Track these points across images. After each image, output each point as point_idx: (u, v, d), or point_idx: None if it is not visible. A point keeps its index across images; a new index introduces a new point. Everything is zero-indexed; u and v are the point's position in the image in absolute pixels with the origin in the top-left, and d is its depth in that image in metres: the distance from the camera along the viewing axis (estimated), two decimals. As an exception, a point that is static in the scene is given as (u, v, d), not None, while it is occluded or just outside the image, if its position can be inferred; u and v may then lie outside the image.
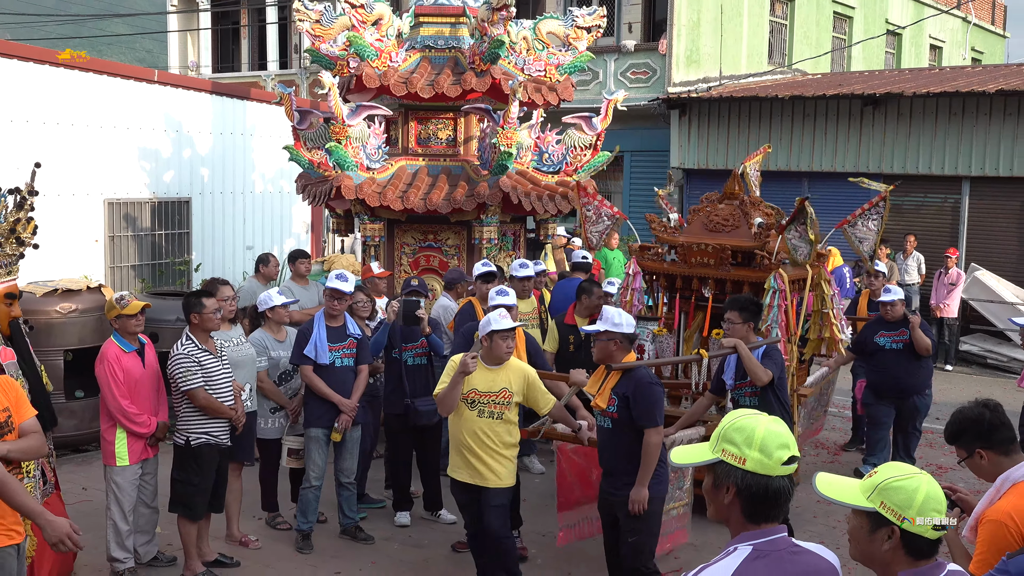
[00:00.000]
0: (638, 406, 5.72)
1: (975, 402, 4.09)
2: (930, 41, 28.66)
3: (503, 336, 6.11)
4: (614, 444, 5.89)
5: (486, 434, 6.11)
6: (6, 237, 6.32)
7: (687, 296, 8.14)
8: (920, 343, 8.77)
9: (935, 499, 2.66)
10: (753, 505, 2.67)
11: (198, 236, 14.91)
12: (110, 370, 6.51)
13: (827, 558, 2.75)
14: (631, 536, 5.83)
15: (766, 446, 2.66)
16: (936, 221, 16.70)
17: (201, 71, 27.46)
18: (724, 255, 7.72)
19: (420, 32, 10.22)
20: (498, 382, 6.14)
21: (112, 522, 6.66)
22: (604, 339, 5.93)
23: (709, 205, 8.20)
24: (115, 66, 14.19)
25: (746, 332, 6.70)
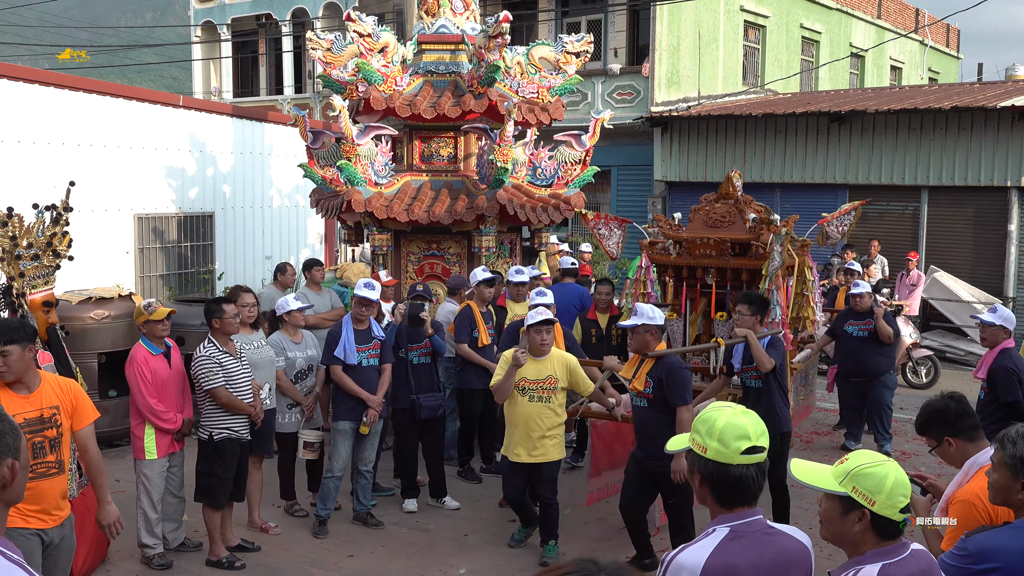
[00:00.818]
0: (671, 387, 6.13)
1: (942, 395, 4.09)
2: (891, 63, 28.69)
3: (536, 329, 6.54)
4: (650, 421, 6.24)
5: (537, 417, 6.57)
6: (44, 250, 6.32)
7: (692, 284, 8.68)
8: (883, 331, 9.22)
9: (902, 485, 2.67)
10: (719, 490, 2.69)
11: (221, 247, 14.90)
12: (139, 371, 6.49)
13: (800, 539, 2.74)
14: (671, 498, 6.28)
15: (724, 436, 2.67)
16: (898, 227, 16.73)
17: (223, 96, 27.46)
18: (724, 247, 8.33)
19: (423, 58, 10.21)
20: (544, 370, 6.60)
21: (142, 511, 6.64)
22: (642, 331, 6.31)
23: (708, 204, 8.68)
24: (144, 92, 14.20)
25: (753, 324, 7.00)
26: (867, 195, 16.83)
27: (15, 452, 2.32)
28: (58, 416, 4.69)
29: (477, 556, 6.94)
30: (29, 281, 6.21)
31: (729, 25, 21.45)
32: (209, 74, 28.79)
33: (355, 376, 7.29)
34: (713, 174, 18.38)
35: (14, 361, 4.55)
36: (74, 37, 54.59)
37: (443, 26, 10.16)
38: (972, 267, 15.81)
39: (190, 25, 28.88)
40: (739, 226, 8.39)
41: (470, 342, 8.39)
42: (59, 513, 4.68)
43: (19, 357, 4.56)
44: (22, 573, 2.21)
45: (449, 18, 10.17)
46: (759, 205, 8.70)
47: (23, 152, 11.73)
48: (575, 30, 19.12)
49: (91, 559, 6.34)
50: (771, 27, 22.77)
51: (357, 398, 7.28)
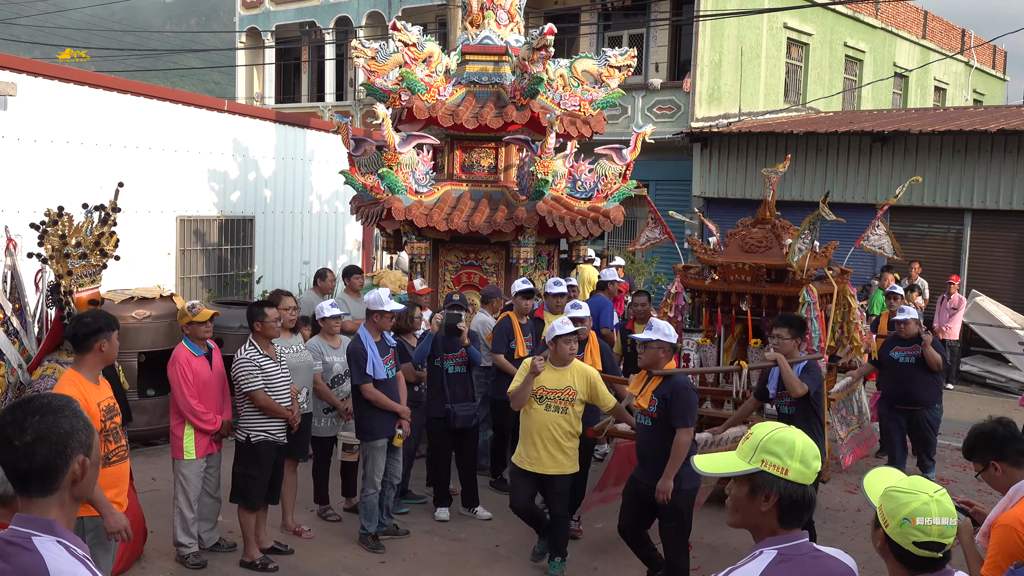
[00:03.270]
0: (674, 407, 5.94)
1: (990, 419, 4.06)
2: (935, 83, 28.40)
3: (566, 340, 6.45)
4: (652, 440, 6.07)
5: (552, 426, 6.41)
6: (91, 249, 6.42)
7: (727, 310, 8.49)
8: (931, 359, 8.78)
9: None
10: (790, 512, 2.64)
11: (260, 251, 15.06)
12: (181, 372, 6.56)
13: (845, 562, 2.70)
14: (667, 522, 6.07)
15: (805, 457, 2.64)
16: (940, 250, 16.52)
17: (265, 101, 27.75)
18: (760, 273, 8.13)
19: (466, 69, 10.26)
20: (564, 381, 6.46)
21: (179, 510, 6.70)
22: (654, 347, 6.16)
23: (744, 229, 8.53)
24: (190, 96, 14.40)
25: (793, 347, 6.84)
26: (909, 217, 16.71)
27: (87, 449, 2.37)
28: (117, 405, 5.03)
29: (508, 567, 6.94)
30: (76, 279, 6.31)
31: (772, 42, 21.36)
32: (252, 80, 29.11)
33: (383, 389, 7.17)
34: (752, 191, 18.29)
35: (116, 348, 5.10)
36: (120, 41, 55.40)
37: (487, 37, 10.22)
38: (1015, 292, 15.57)
39: (234, 31, 29.23)
40: (776, 251, 8.21)
41: (507, 353, 8.38)
42: (124, 500, 4.88)
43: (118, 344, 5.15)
44: (85, 571, 2.24)
45: (493, 30, 10.23)
46: (797, 230, 8.46)
47: (72, 152, 11.94)
48: (617, 44, 19.14)
49: (128, 555, 6.41)
50: (814, 45, 22.64)
51: (390, 412, 7.19)
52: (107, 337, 5.08)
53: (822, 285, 8.39)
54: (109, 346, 5.10)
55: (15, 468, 2.30)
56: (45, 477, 2.30)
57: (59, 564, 2.22)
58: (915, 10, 26.81)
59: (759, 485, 2.65)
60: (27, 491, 2.32)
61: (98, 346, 5.04)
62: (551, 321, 8.85)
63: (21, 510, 2.33)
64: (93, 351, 5.05)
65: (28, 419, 2.29)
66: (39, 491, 2.31)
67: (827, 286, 8.37)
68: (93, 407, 4.76)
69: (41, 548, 2.24)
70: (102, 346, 5.06)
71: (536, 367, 6.37)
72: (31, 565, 2.20)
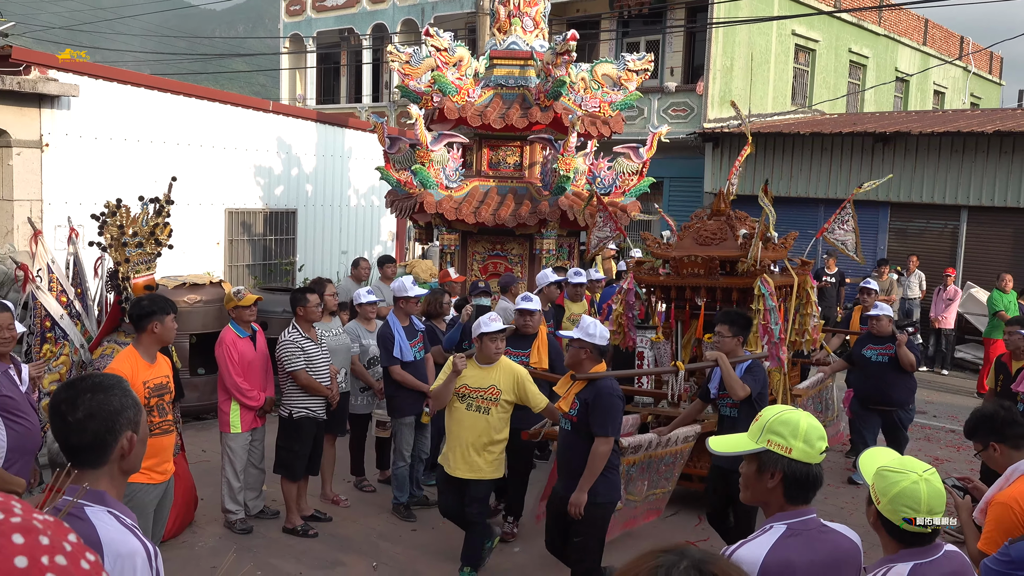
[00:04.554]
0: (594, 413, 5.14)
1: (993, 402, 4.03)
2: (934, 87, 28.04)
3: (491, 338, 5.68)
4: (571, 446, 5.29)
5: (471, 428, 5.68)
6: (147, 238, 6.46)
7: (681, 305, 7.57)
8: (904, 359, 8.06)
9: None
10: (795, 489, 2.62)
11: (302, 241, 15.10)
12: (227, 352, 6.59)
13: (851, 537, 2.69)
14: (576, 536, 5.27)
15: (808, 437, 2.62)
16: (937, 244, 16.35)
17: (307, 102, 27.81)
18: (713, 265, 7.25)
19: (494, 72, 10.24)
20: (488, 379, 5.69)
21: (226, 480, 6.75)
22: (576, 346, 5.28)
23: (699, 222, 7.69)
24: (238, 97, 14.44)
25: (735, 346, 6.00)
26: (909, 213, 16.55)
27: (135, 426, 2.38)
28: (171, 383, 5.11)
29: (534, 536, 6.93)
30: (133, 266, 6.35)
31: (780, 48, 21.16)
32: (295, 82, 29.18)
33: (411, 371, 7.16)
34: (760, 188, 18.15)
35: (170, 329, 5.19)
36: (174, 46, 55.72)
37: (514, 43, 10.19)
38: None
39: (279, 37, 29.29)
40: (730, 243, 7.35)
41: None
42: (168, 468, 4.92)
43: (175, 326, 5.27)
44: (133, 539, 2.26)
45: (520, 35, 10.19)
46: (754, 221, 7.58)
47: (129, 149, 12.01)
48: (635, 49, 19.03)
49: (180, 521, 6.46)
50: (820, 51, 22.40)
51: (417, 392, 7.16)
52: (160, 319, 5.13)
53: (781, 277, 7.50)
54: (162, 328, 5.16)
55: (68, 442, 2.32)
56: (95, 451, 2.32)
57: (109, 532, 2.23)
58: (916, 18, 26.47)
59: (765, 464, 2.65)
60: (79, 463, 2.33)
61: (151, 327, 5.11)
62: (571, 308, 8.87)
63: (74, 481, 2.35)
64: (147, 331, 5.12)
65: (81, 396, 2.31)
66: (90, 464, 2.32)
67: (786, 278, 7.51)
68: (139, 384, 4.83)
69: (93, 517, 2.25)
70: (155, 327, 5.12)
71: (457, 365, 5.62)
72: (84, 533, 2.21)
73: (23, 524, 1.19)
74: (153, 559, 2.28)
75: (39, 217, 10.64)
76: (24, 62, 10.78)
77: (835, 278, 14.46)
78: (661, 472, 6.47)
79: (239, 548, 6.32)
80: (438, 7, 24.45)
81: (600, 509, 5.20)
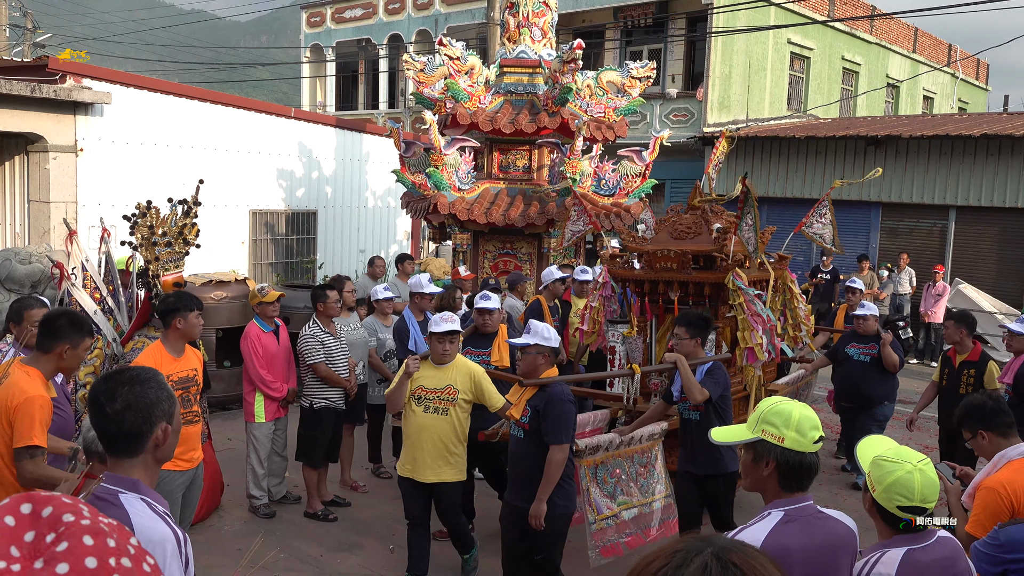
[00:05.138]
0: (546, 421, 4.73)
1: (982, 392, 4.02)
2: (924, 93, 27.87)
3: (439, 339, 5.24)
4: (523, 454, 4.87)
5: (432, 430, 5.24)
6: (175, 238, 6.46)
7: (654, 300, 6.99)
8: (888, 359, 7.66)
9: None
10: (788, 477, 2.60)
11: (322, 241, 15.11)
12: (252, 346, 6.60)
13: (847, 523, 2.66)
14: (536, 554, 4.86)
15: (801, 427, 2.60)
16: (927, 242, 16.28)
17: (327, 109, 27.83)
18: (685, 259, 6.68)
19: (504, 80, 10.20)
20: (444, 379, 5.27)
21: (250, 467, 6.76)
22: (533, 352, 4.89)
23: (674, 216, 7.13)
24: (261, 104, 14.46)
25: (694, 347, 5.58)
26: (899, 213, 16.48)
27: (169, 417, 2.38)
28: (198, 376, 5.11)
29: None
30: (163, 264, 6.36)
31: (776, 56, 21.06)
32: (315, 89, 29.20)
33: None
34: (757, 189, 18.04)
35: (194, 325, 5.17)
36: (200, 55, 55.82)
37: (523, 51, 10.15)
38: (995, 281, 15.30)
39: (300, 47, 29.31)
40: (704, 237, 6.82)
41: (537, 332, 8.33)
42: (196, 455, 4.92)
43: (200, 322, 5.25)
44: (164, 526, 2.25)
45: (528, 45, 10.15)
46: (731, 215, 7.08)
47: (158, 153, 12.03)
48: (637, 57, 18.97)
49: (208, 505, 6.48)
50: (815, 58, 22.29)
51: None
52: (183, 315, 5.13)
53: (758, 271, 6.98)
54: (185, 323, 5.14)
55: (106, 431, 2.32)
56: (132, 440, 2.31)
57: (142, 519, 2.23)
58: (906, 27, 26.31)
59: (760, 453, 2.64)
60: (115, 452, 2.33)
61: (175, 322, 5.11)
62: (578, 304, 8.84)
63: (110, 469, 2.34)
64: (172, 327, 5.13)
65: (119, 388, 2.31)
66: (126, 453, 2.32)
67: (763, 272, 6.99)
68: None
69: (127, 504, 2.25)
70: (179, 323, 5.12)
71: (409, 367, 5.20)
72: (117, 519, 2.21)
73: (92, 527, 1.19)
74: (183, 545, 2.27)
75: (74, 218, 10.67)
76: (60, 71, 10.80)
77: (830, 275, 14.39)
78: (643, 474, 5.89)
79: (263, 532, 6.33)
80: (451, 18, 24.43)
81: (558, 521, 4.81)
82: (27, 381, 3.82)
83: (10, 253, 6.21)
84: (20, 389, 3.77)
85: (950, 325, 7.11)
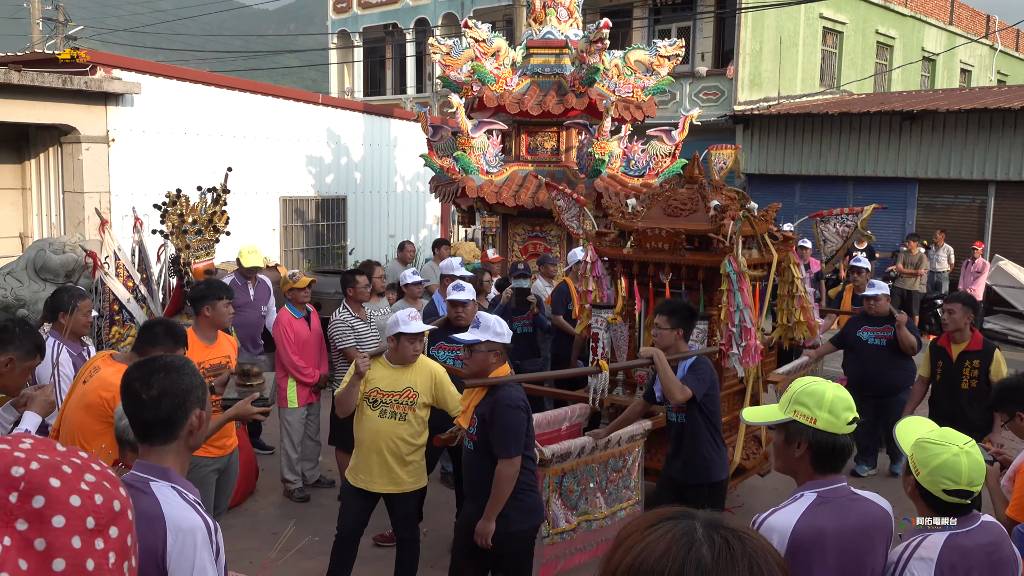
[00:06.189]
0: (492, 431, 4.10)
1: (1016, 374, 3.92)
2: (961, 66, 27.28)
3: (411, 339, 4.72)
4: (475, 468, 4.23)
5: (389, 437, 4.72)
6: (206, 226, 6.52)
7: (644, 283, 6.27)
8: (905, 341, 7.07)
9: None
10: (821, 458, 2.56)
11: (352, 226, 15.18)
12: (284, 332, 6.64)
13: (882, 505, 2.61)
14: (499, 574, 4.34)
15: (834, 408, 2.55)
16: (965, 218, 15.98)
17: (354, 95, 27.89)
18: (678, 239, 5.95)
19: (530, 61, 10.14)
20: (403, 381, 4.75)
21: (284, 451, 6.82)
22: (484, 350, 4.21)
23: (669, 190, 6.39)
24: (289, 91, 14.52)
25: (674, 340, 4.96)
26: (936, 189, 16.18)
27: (202, 404, 2.40)
28: (230, 364, 5.08)
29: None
30: (194, 252, 6.42)
31: (808, 31, 20.71)
32: (343, 76, 29.25)
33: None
34: (790, 167, 17.90)
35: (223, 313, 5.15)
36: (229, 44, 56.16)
37: (549, 32, 10.08)
38: (1035, 257, 15.01)
39: (327, 33, 29.37)
40: (700, 215, 6.06)
41: (565, 314, 8.31)
42: (229, 443, 4.96)
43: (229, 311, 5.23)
44: (194, 514, 2.26)
45: (554, 25, 10.08)
46: (732, 191, 6.38)
47: (188, 142, 12.13)
48: (666, 36, 18.77)
49: (243, 490, 6.55)
50: (848, 33, 21.89)
51: None
52: (212, 304, 5.15)
53: (759, 255, 6.26)
54: (214, 312, 5.17)
55: (141, 419, 2.33)
56: (168, 427, 2.33)
57: (172, 507, 2.24)
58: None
59: (792, 434, 2.59)
60: (150, 440, 2.34)
61: (204, 311, 5.14)
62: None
63: (141, 457, 2.35)
64: (201, 315, 5.17)
65: (154, 376, 2.32)
66: (161, 440, 2.33)
67: (765, 255, 6.26)
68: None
69: (157, 492, 2.26)
70: (207, 311, 5.15)
71: (359, 367, 4.59)
72: (148, 507, 2.23)
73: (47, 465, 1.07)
74: (213, 534, 2.28)
75: (107, 208, 10.80)
76: (90, 63, 10.91)
77: (865, 253, 14.18)
78: (614, 481, 5.39)
79: (297, 516, 6.39)
80: (477, 1, 24.31)
81: (517, 539, 4.22)
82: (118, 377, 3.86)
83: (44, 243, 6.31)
84: (112, 384, 3.69)
85: (957, 308, 6.09)
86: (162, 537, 2.19)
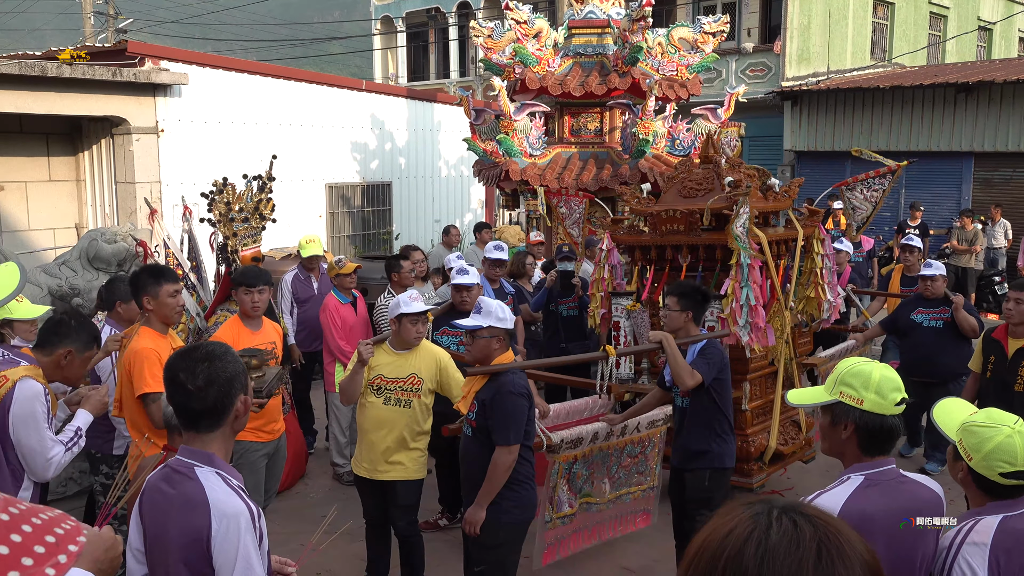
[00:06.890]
0: (493, 417, 4.02)
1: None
2: (1019, 34, 26.39)
3: (412, 320, 4.63)
4: (473, 456, 4.16)
5: (393, 425, 4.65)
6: (252, 213, 6.59)
7: (660, 268, 6.22)
8: (965, 324, 6.67)
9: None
10: (868, 440, 2.49)
11: (397, 212, 15.25)
12: (330, 317, 6.70)
13: (932, 488, 2.54)
14: (476, 566, 4.20)
15: (881, 388, 2.48)
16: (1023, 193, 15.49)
17: (398, 80, 27.96)
18: (694, 219, 5.84)
19: (572, 42, 10.04)
20: (407, 367, 4.66)
21: (333, 435, 6.89)
22: (486, 336, 4.13)
23: (684, 171, 6.26)
24: (332, 78, 14.59)
25: (684, 322, 4.81)
26: (993, 162, 15.68)
27: (245, 389, 2.42)
28: (276, 349, 5.17)
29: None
30: (241, 240, 6.50)
31: (858, 3, 20.20)
32: (387, 61, 29.34)
33: None
34: (840, 143, 17.49)
35: (266, 300, 5.19)
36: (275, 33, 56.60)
37: (591, 12, 9.96)
38: (1098, 231, 14.49)
39: (371, 19, 29.45)
40: (717, 194, 5.89)
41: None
42: (276, 427, 5.03)
43: (268, 298, 5.25)
44: (238, 500, 2.29)
45: (596, 4, 9.96)
46: (751, 168, 6.17)
47: (235, 131, 12.27)
48: (711, 12, 18.44)
49: (293, 473, 6.65)
50: (899, 4, 21.30)
51: None
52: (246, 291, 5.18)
53: (785, 230, 6.13)
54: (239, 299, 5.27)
55: (188, 408, 2.35)
56: (215, 415, 2.35)
57: (216, 493, 2.27)
58: (1000, -35, 24.90)
59: (838, 415, 2.54)
60: (197, 427, 2.36)
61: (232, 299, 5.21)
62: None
63: (186, 443, 2.38)
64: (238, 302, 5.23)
65: (198, 365, 2.34)
66: (207, 428, 2.36)
67: (789, 231, 6.07)
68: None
69: (202, 478, 2.29)
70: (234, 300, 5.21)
71: (362, 354, 4.51)
72: (192, 492, 2.26)
73: None
74: (256, 520, 2.30)
75: (157, 197, 10.98)
76: (139, 54, 11.08)
77: (918, 230, 13.83)
78: (627, 466, 5.31)
79: (345, 499, 6.46)
80: (519, -18, 24.14)
81: (505, 530, 4.10)
82: (139, 339, 4.16)
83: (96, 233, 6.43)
84: (132, 344, 4.15)
85: (1020, 298, 5.30)
86: (207, 523, 2.22)
